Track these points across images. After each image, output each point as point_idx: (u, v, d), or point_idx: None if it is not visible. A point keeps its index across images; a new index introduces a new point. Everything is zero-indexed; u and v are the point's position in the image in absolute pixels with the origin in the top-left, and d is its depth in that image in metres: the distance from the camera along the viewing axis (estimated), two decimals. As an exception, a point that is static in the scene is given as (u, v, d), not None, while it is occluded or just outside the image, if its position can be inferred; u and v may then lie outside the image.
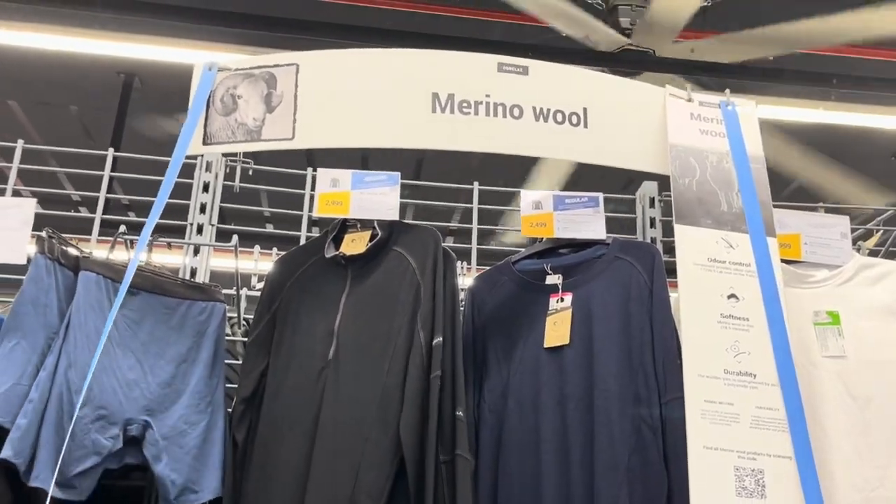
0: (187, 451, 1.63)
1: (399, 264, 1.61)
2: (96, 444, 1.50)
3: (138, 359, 1.64)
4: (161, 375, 1.67)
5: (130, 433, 1.58)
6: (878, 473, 1.46)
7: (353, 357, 1.54)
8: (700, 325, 1.46)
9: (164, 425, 1.63)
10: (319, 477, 1.44)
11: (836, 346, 1.57)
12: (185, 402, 1.68)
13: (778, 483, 1.34)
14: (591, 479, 1.46)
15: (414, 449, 1.42)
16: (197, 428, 1.66)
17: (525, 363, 1.64)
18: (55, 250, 1.61)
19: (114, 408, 1.56)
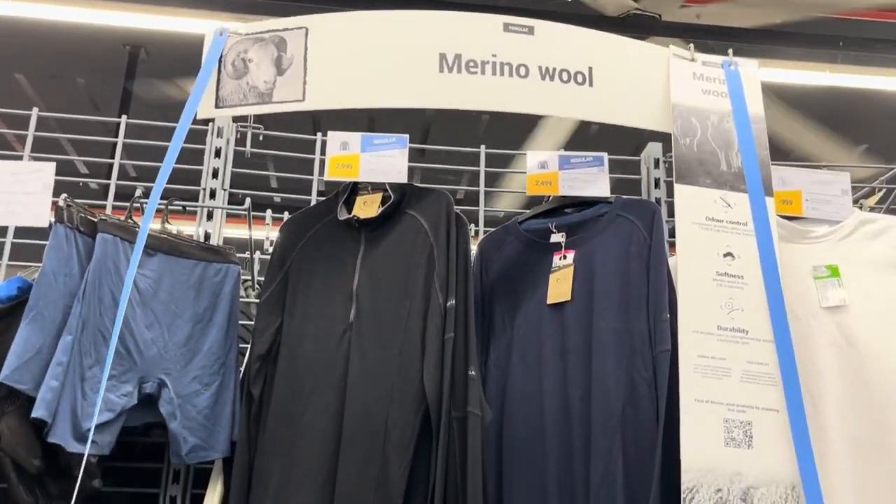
0: (199, 410, 1.69)
1: (412, 227, 1.65)
2: (108, 402, 1.55)
3: (156, 317, 1.68)
4: (178, 335, 1.71)
5: (146, 391, 1.63)
6: (873, 419, 1.49)
7: (374, 319, 1.58)
8: (696, 283, 1.50)
9: (179, 384, 1.67)
10: (352, 437, 1.49)
11: (836, 296, 1.60)
12: (200, 362, 1.72)
13: (765, 434, 1.40)
14: (589, 429, 1.50)
15: (436, 404, 1.47)
16: (210, 388, 1.71)
17: (529, 319, 1.68)
18: (74, 218, 1.65)
19: (126, 366, 1.61)
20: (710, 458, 1.38)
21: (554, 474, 1.52)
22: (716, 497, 1.36)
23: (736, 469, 1.38)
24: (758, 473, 1.37)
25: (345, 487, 1.45)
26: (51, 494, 1.64)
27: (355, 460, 1.47)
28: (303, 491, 1.49)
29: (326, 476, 1.48)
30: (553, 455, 1.53)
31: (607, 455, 1.46)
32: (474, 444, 1.46)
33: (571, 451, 1.52)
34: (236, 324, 1.79)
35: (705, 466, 1.37)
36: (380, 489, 1.43)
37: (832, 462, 1.45)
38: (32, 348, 1.54)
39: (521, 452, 1.58)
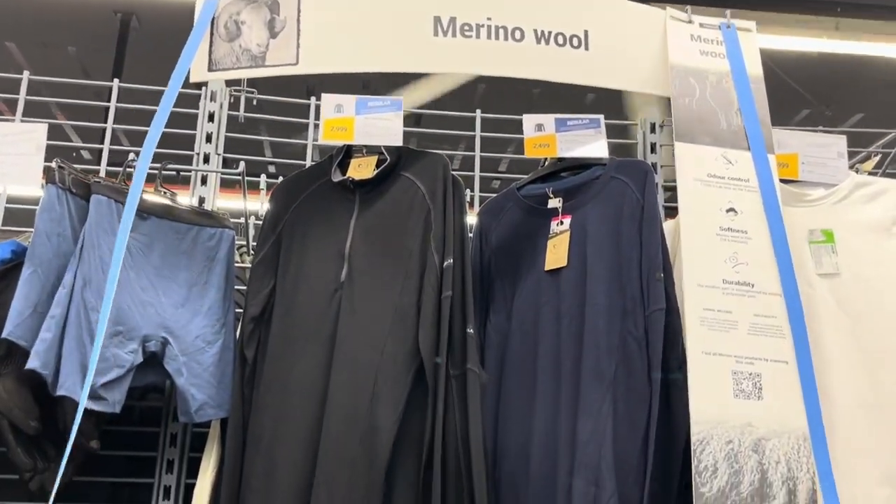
0: (205, 367, 1.68)
1: (408, 189, 1.64)
2: (117, 357, 1.55)
3: (151, 281, 1.68)
4: (174, 297, 1.70)
5: (150, 349, 1.62)
6: (870, 380, 1.51)
7: (366, 279, 1.58)
8: (699, 238, 1.50)
9: (183, 342, 1.67)
10: (338, 391, 1.49)
11: (829, 263, 1.60)
12: (201, 322, 1.72)
13: (774, 386, 1.39)
14: (578, 388, 1.51)
15: (431, 361, 1.47)
16: (213, 346, 1.71)
17: (527, 286, 1.68)
18: (66, 179, 1.64)
19: (131, 324, 1.60)
20: (720, 410, 1.38)
21: (541, 433, 1.52)
22: (727, 448, 1.36)
23: (747, 420, 1.37)
24: (769, 424, 1.37)
25: (329, 440, 1.45)
26: (49, 457, 1.65)
27: (340, 413, 1.47)
28: (289, 445, 1.49)
29: (312, 429, 1.48)
30: (541, 415, 1.54)
31: (597, 413, 1.46)
32: (474, 400, 1.47)
33: (558, 412, 1.52)
34: (233, 286, 1.79)
35: (715, 418, 1.37)
36: (365, 441, 1.43)
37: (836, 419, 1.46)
38: (31, 304, 1.54)
39: (514, 414, 1.59)
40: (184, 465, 1.87)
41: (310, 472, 1.46)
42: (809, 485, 1.33)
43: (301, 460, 1.47)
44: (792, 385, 1.39)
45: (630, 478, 1.41)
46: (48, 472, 1.65)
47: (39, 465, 1.64)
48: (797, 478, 1.33)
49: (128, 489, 1.89)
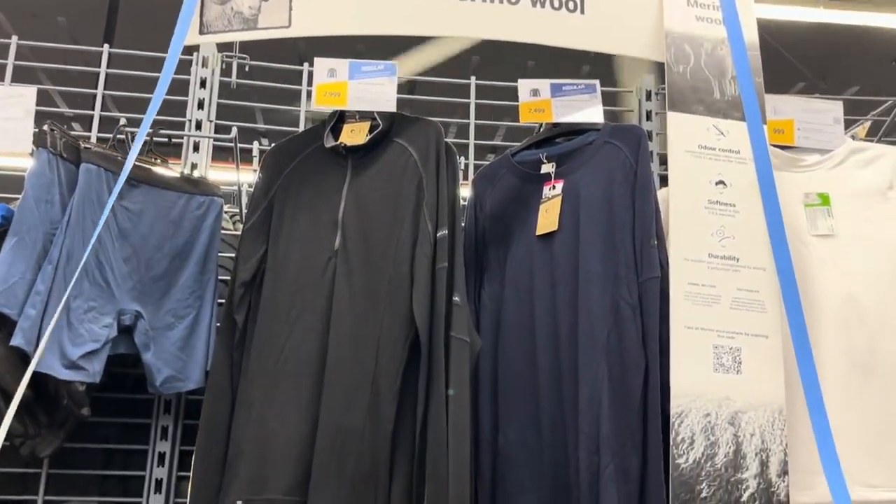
0: (173, 342, 1.71)
1: (401, 156, 1.63)
2: (91, 332, 1.57)
3: (135, 251, 1.68)
4: (155, 269, 1.71)
5: (124, 323, 1.65)
6: (867, 340, 1.51)
7: (360, 247, 1.57)
8: (687, 211, 1.50)
9: (154, 317, 1.69)
10: (339, 362, 1.49)
11: (824, 225, 1.60)
12: (175, 295, 1.73)
13: (753, 360, 1.41)
14: (576, 356, 1.51)
15: (426, 332, 1.47)
16: (184, 321, 1.73)
17: (521, 252, 1.68)
18: (57, 144, 1.62)
19: (105, 300, 1.61)
20: (700, 384, 1.40)
21: (546, 401, 1.53)
22: (704, 421, 1.38)
23: (725, 394, 1.40)
24: (746, 398, 1.39)
25: (333, 411, 1.45)
26: (41, 423, 1.65)
27: (342, 386, 1.47)
28: (284, 415, 1.48)
29: (309, 400, 1.48)
30: (544, 383, 1.54)
31: (593, 380, 1.46)
32: (458, 368, 1.47)
33: (560, 379, 1.52)
34: (215, 257, 1.80)
35: (694, 392, 1.39)
36: (372, 413, 1.44)
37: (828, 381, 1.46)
38: (17, 273, 1.54)
39: (515, 382, 1.59)
40: (178, 432, 1.87)
41: (308, 439, 1.46)
42: (781, 456, 1.36)
43: (299, 428, 1.47)
44: (770, 359, 1.41)
45: (628, 444, 1.42)
46: (39, 438, 1.66)
47: (30, 431, 1.64)
48: (770, 449, 1.36)
49: (122, 455, 1.89)
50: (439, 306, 1.49)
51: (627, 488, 1.39)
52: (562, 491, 1.46)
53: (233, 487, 1.47)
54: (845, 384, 1.49)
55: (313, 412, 1.47)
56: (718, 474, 1.35)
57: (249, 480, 1.46)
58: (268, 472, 1.46)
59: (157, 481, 1.83)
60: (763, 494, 1.34)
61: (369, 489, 1.41)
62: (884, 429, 1.48)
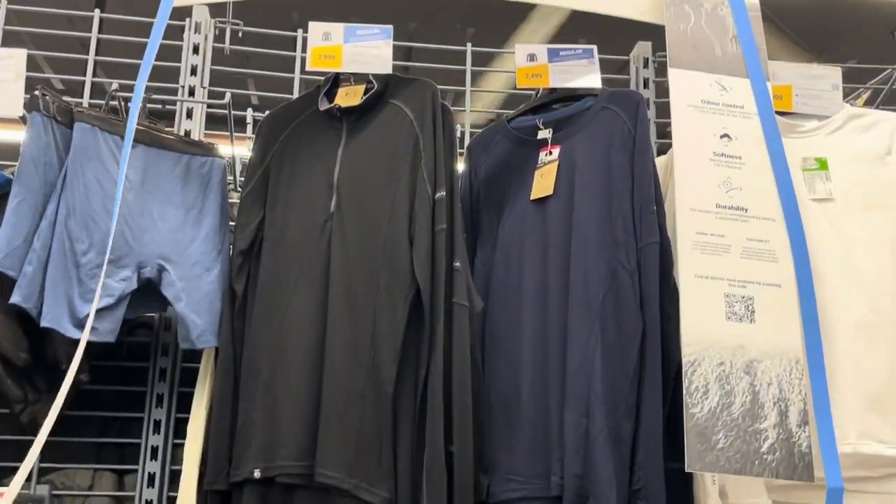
0: (205, 294, 1.64)
1: (396, 116, 1.61)
2: (105, 287, 1.52)
3: (146, 205, 1.65)
4: (171, 221, 1.66)
5: (145, 275, 1.60)
6: (867, 301, 1.51)
7: (356, 208, 1.56)
8: (692, 163, 1.48)
9: (181, 267, 1.64)
10: (339, 325, 1.48)
11: (823, 189, 1.60)
12: (199, 248, 1.67)
13: (767, 308, 1.38)
14: (566, 319, 1.50)
15: (428, 293, 1.46)
16: (212, 273, 1.66)
17: (514, 217, 1.67)
18: (50, 107, 1.60)
19: (123, 250, 1.58)
20: (712, 333, 1.37)
21: (529, 363, 1.52)
22: (718, 370, 1.35)
23: (739, 342, 1.36)
24: (761, 347, 1.36)
25: (335, 375, 1.45)
26: (39, 388, 1.64)
27: (342, 348, 1.46)
28: (292, 379, 1.48)
29: (313, 366, 1.48)
30: (528, 346, 1.53)
31: (585, 344, 1.46)
32: (459, 334, 1.46)
33: (546, 341, 1.51)
34: (227, 215, 1.77)
35: (707, 340, 1.36)
36: (372, 374, 1.43)
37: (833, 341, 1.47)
38: (20, 234, 1.52)
39: (500, 346, 1.59)
40: (173, 399, 1.87)
41: (314, 404, 1.46)
42: (801, 406, 1.33)
43: (304, 394, 1.47)
44: (785, 308, 1.38)
45: (620, 410, 1.41)
46: (39, 405, 1.65)
47: (30, 397, 1.63)
48: (789, 399, 1.33)
49: (118, 423, 1.88)
50: (439, 270, 1.48)
51: (620, 452, 1.39)
52: (539, 451, 1.45)
53: (246, 457, 1.48)
54: (850, 344, 1.49)
55: (318, 378, 1.47)
56: (735, 424, 1.32)
57: (262, 449, 1.47)
58: (278, 440, 1.46)
59: (153, 448, 1.83)
60: (783, 445, 1.31)
61: (373, 451, 1.40)
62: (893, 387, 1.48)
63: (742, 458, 1.30)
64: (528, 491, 1.45)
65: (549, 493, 1.42)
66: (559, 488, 1.40)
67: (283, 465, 1.44)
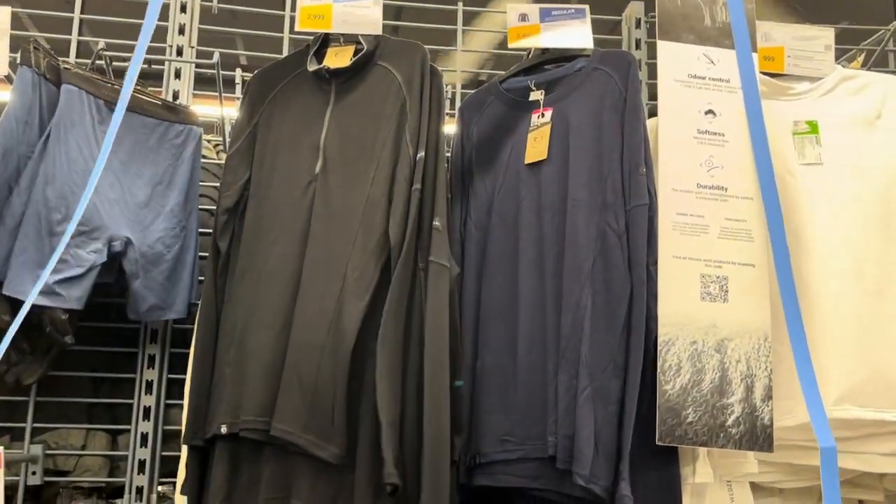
0: (161, 271, 1.70)
1: (384, 78, 1.60)
2: (76, 257, 1.54)
3: (118, 178, 1.65)
4: (138, 196, 1.69)
5: (115, 249, 1.62)
6: (856, 266, 1.52)
7: (340, 170, 1.55)
8: (676, 141, 1.49)
9: (143, 244, 1.67)
10: (311, 282, 1.48)
11: (812, 153, 1.60)
12: (162, 224, 1.72)
13: (740, 288, 1.42)
14: (560, 283, 1.51)
15: (397, 252, 1.45)
16: (172, 250, 1.73)
17: (508, 180, 1.66)
18: (41, 63, 1.58)
19: (96, 223, 1.59)
20: (687, 313, 1.40)
21: (526, 327, 1.53)
22: (691, 349, 1.39)
23: (711, 322, 1.40)
24: (732, 326, 1.40)
25: (300, 330, 1.44)
26: (22, 350, 1.65)
27: (312, 304, 1.46)
28: (262, 335, 1.48)
29: (284, 322, 1.47)
30: (525, 310, 1.54)
31: (577, 307, 1.46)
32: (436, 294, 1.45)
33: (544, 306, 1.52)
34: (197, 187, 1.78)
35: (682, 320, 1.40)
36: (332, 331, 1.42)
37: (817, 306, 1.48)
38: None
39: (496, 309, 1.59)
40: (165, 360, 1.87)
41: (279, 361, 1.45)
42: (766, 381, 1.38)
43: (272, 349, 1.46)
44: (756, 287, 1.41)
45: (608, 369, 1.42)
46: (23, 365, 1.66)
47: (13, 358, 1.64)
48: (755, 375, 1.38)
49: (109, 384, 1.89)
50: (413, 229, 1.47)
51: (606, 411, 1.40)
52: (535, 414, 1.47)
53: (217, 413, 1.48)
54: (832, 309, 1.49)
55: (287, 332, 1.46)
56: (704, 400, 1.37)
57: (230, 405, 1.46)
58: (244, 395, 1.45)
59: (145, 409, 1.84)
60: (747, 419, 1.36)
61: (327, 407, 1.38)
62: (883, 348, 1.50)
63: (709, 432, 1.37)
64: (524, 452, 1.46)
65: (545, 453, 1.43)
66: (553, 448, 1.42)
67: (245, 419, 1.43)
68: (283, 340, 1.45)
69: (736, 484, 1.57)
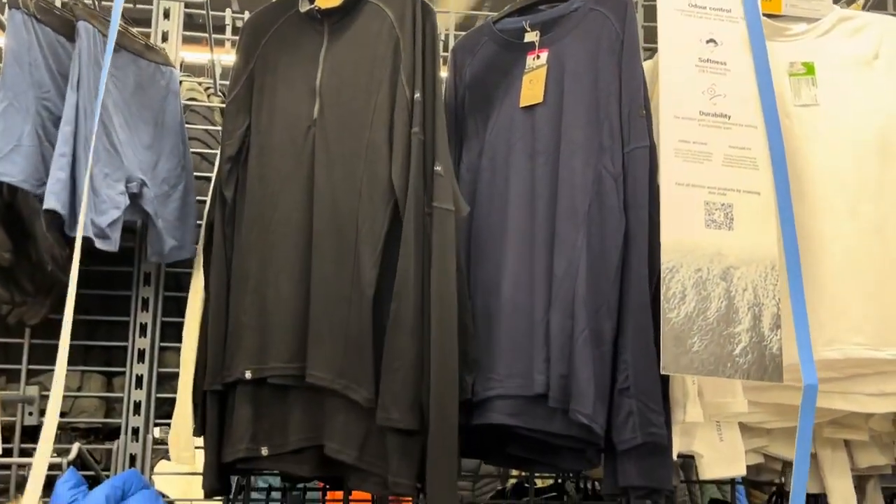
0: (172, 210, 1.72)
1: (377, 18, 1.57)
2: (111, 199, 1.55)
3: (125, 118, 1.65)
4: (144, 137, 1.69)
5: (131, 190, 1.62)
6: (851, 207, 1.52)
7: (337, 114, 1.54)
8: (678, 69, 1.46)
9: (154, 185, 1.68)
10: (323, 233, 1.49)
11: (808, 94, 1.58)
12: (165, 165, 1.72)
13: (746, 216, 1.39)
14: (553, 226, 1.51)
15: (403, 199, 1.46)
16: (177, 190, 1.74)
17: (501, 123, 1.65)
18: (29, 4, 1.55)
19: (115, 164, 1.58)
20: (691, 240, 1.38)
21: (515, 268, 1.53)
22: (695, 276, 1.37)
23: (717, 249, 1.38)
24: (738, 253, 1.38)
25: (322, 283, 1.47)
26: (25, 291, 1.66)
27: (328, 256, 1.48)
28: (280, 287, 1.51)
29: (301, 271, 1.50)
30: (513, 251, 1.54)
31: (571, 249, 1.47)
32: (442, 239, 1.46)
33: (533, 246, 1.52)
34: (185, 128, 1.78)
35: (685, 248, 1.37)
36: (356, 283, 1.45)
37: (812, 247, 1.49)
38: (12, 139, 1.49)
39: (486, 252, 1.60)
40: (158, 303, 1.88)
41: (302, 308, 1.49)
42: (774, 310, 1.36)
43: (293, 298, 1.50)
44: (763, 215, 1.39)
45: (602, 310, 1.44)
46: (26, 306, 1.67)
47: (17, 299, 1.65)
48: (762, 304, 1.36)
49: (104, 326, 1.90)
50: (416, 174, 1.47)
51: (600, 351, 1.42)
52: (519, 352, 1.48)
53: (237, 358, 1.51)
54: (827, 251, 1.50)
55: (305, 283, 1.49)
56: (710, 328, 1.35)
57: (253, 351, 1.50)
58: (269, 343, 1.50)
59: (139, 351, 1.85)
60: (755, 348, 1.34)
61: (358, 353, 1.43)
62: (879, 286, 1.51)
63: (715, 361, 1.34)
64: (504, 389, 1.48)
65: (529, 391, 1.45)
66: (543, 386, 1.43)
67: (275, 366, 1.48)
68: (304, 290, 1.49)
69: (725, 424, 1.59)
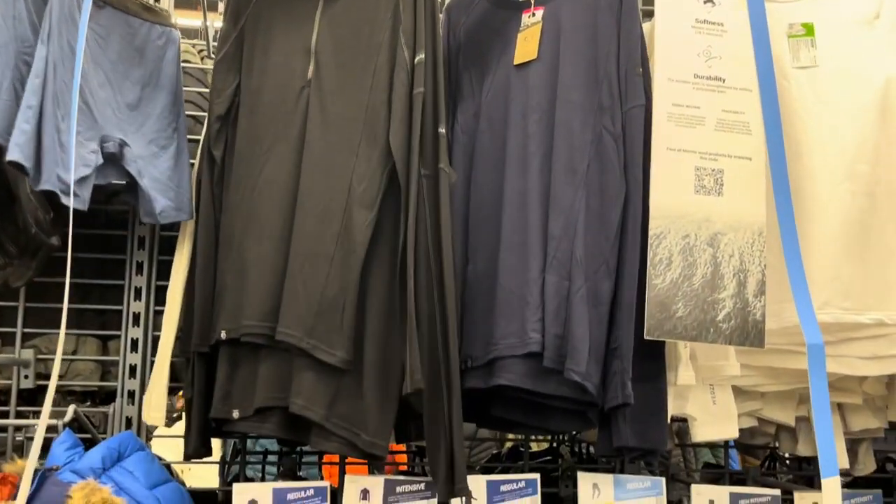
0: (162, 171, 1.67)
1: None
2: (81, 157, 1.50)
3: (108, 77, 1.62)
4: (128, 97, 1.66)
5: (108, 150, 1.58)
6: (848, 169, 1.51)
7: (334, 75, 1.52)
8: (673, 30, 1.45)
9: (138, 145, 1.64)
10: (310, 191, 1.47)
11: (807, 56, 1.57)
12: (153, 126, 1.69)
13: (735, 182, 1.40)
14: (548, 185, 1.50)
15: (403, 161, 1.45)
16: (167, 151, 1.70)
17: (496, 83, 1.64)
18: (12, -44, 1.52)
19: (87, 125, 1.55)
20: (680, 206, 1.38)
21: (509, 228, 1.52)
22: (682, 242, 1.37)
23: (705, 215, 1.38)
24: (726, 220, 1.38)
25: (302, 240, 1.45)
26: (10, 253, 1.65)
27: (314, 214, 1.46)
28: (262, 244, 1.49)
29: (284, 230, 1.48)
30: (509, 210, 1.53)
31: (569, 209, 1.46)
32: (445, 201, 1.46)
33: (526, 206, 1.51)
34: (182, 90, 1.74)
35: (674, 213, 1.38)
36: (342, 242, 1.43)
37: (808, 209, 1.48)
38: None
39: (484, 215, 1.59)
40: (153, 266, 1.87)
41: (280, 268, 1.46)
42: (759, 276, 1.36)
43: (272, 257, 1.47)
44: (753, 181, 1.39)
45: (600, 271, 1.44)
46: (11, 269, 1.66)
47: (1, 262, 1.63)
48: (748, 270, 1.37)
49: (98, 290, 1.89)
50: (416, 135, 1.46)
51: (598, 311, 1.42)
52: (512, 312, 1.47)
53: (219, 319, 1.50)
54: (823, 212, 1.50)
55: (287, 241, 1.47)
56: (695, 294, 1.36)
57: (230, 311, 1.48)
58: (244, 302, 1.47)
59: (134, 315, 1.85)
60: (739, 314, 1.35)
61: (335, 313, 1.41)
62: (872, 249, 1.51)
63: (698, 326, 1.36)
64: (498, 351, 1.47)
65: (521, 350, 1.44)
66: (538, 345, 1.43)
67: (248, 324, 1.46)
68: (284, 248, 1.46)
69: (718, 387, 1.60)
